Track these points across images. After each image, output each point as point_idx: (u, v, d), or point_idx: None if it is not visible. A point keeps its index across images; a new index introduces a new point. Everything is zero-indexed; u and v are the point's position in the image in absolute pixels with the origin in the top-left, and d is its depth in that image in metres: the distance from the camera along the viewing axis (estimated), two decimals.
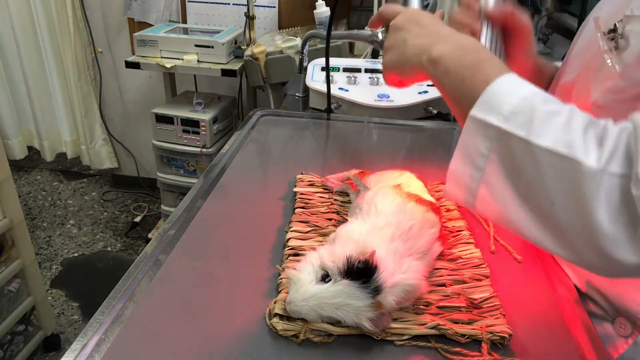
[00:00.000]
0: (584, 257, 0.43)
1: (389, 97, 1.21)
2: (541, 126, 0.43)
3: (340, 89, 1.23)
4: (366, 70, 1.33)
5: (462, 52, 0.53)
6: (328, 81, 1.09)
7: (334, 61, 1.35)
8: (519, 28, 0.66)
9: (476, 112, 0.47)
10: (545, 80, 0.73)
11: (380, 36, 0.69)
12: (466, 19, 0.65)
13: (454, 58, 0.53)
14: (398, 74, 0.62)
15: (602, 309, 0.60)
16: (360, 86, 1.26)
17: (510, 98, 0.46)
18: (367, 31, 0.98)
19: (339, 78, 1.28)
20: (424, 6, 0.72)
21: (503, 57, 0.66)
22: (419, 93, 1.23)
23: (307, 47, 1.40)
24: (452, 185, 0.51)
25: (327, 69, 1.07)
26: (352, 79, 1.26)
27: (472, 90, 0.49)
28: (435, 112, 1.20)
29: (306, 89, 1.33)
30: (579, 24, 0.74)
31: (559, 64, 0.77)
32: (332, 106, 1.17)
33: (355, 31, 0.97)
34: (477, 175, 0.48)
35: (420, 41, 0.57)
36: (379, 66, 1.35)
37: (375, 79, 1.27)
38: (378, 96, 1.21)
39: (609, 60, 0.52)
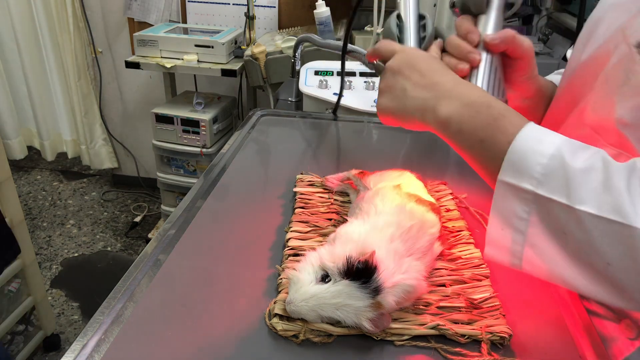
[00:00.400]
0: None
1: None
2: (581, 189, 0.42)
3: (335, 94, 1.19)
4: (361, 74, 1.30)
5: (472, 111, 0.50)
6: (342, 84, 1.08)
7: (327, 64, 1.33)
8: (520, 53, 0.62)
9: (506, 176, 0.45)
10: (546, 100, 0.71)
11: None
12: (464, 49, 0.61)
13: (465, 118, 0.50)
14: (396, 122, 0.59)
15: (608, 310, 0.60)
16: (355, 91, 1.24)
17: (538, 158, 0.44)
18: (362, 50, 0.98)
19: (333, 82, 1.25)
20: (421, 39, 0.70)
21: (503, 84, 0.63)
22: None
23: (299, 51, 1.38)
24: (493, 250, 0.49)
25: (342, 72, 1.05)
26: (348, 83, 1.24)
27: (495, 152, 0.47)
28: None
29: (299, 94, 1.31)
30: (579, 24, 0.71)
31: (551, 77, 0.76)
32: (328, 112, 1.16)
33: (351, 46, 0.97)
34: (519, 239, 0.46)
35: (421, 95, 0.54)
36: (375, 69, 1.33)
37: (371, 84, 1.25)
38: (374, 101, 1.20)
39: None
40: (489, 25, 0.62)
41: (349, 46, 0.97)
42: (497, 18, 0.63)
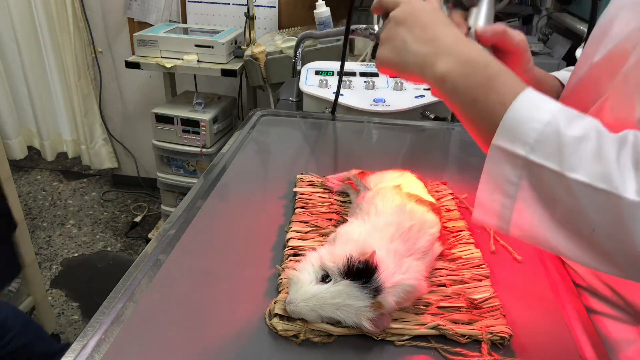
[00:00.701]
0: (629, 274, 0.44)
1: (385, 101, 1.20)
2: (572, 157, 0.43)
3: (334, 93, 1.20)
4: (361, 74, 1.31)
5: (469, 69, 0.50)
6: (340, 82, 1.07)
7: (328, 64, 1.33)
8: (512, 47, 0.62)
9: (499, 141, 0.46)
10: (545, 92, 0.71)
11: (376, 29, 0.68)
12: None
13: (461, 76, 0.51)
14: (394, 73, 0.59)
15: (626, 313, 0.60)
16: (355, 90, 1.24)
17: (533, 124, 0.44)
18: (362, 25, 0.98)
19: (333, 82, 1.25)
20: None
21: None
22: (416, 97, 1.21)
23: (300, 50, 1.38)
24: (481, 213, 0.50)
25: (341, 70, 1.05)
26: (347, 83, 1.25)
27: (488, 113, 0.48)
28: (432, 116, 1.20)
29: (300, 94, 1.31)
30: (590, 25, 0.70)
31: (557, 73, 0.76)
32: (327, 111, 1.16)
33: (352, 26, 0.96)
34: (508, 203, 0.47)
35: (421, 49, 0.54)
36: (374, 69, 1.33)
37: (371, 83, 1.25)
38: (374, 100, 1.20)
39: None
40: (480, 17, 0.63)
41: (342, 29, 0.97)
42: (488, 10, 0.63)
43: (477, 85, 0.49)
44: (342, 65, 1.05)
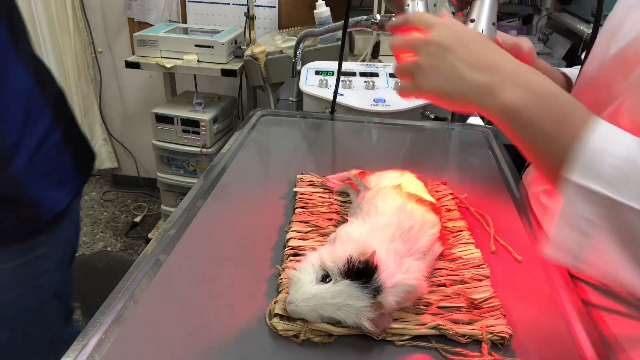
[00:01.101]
0: None
1: (385, 101, 1.20)
2: None
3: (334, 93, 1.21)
4: (361, 74, 1.31)
5: (540, 100, 0.48)
6: (338, 81, 1.08)
7: (328, 64, 1.33)
8: (522, 56, 0.61)
9: (574, 176, 0.44)
10: None
11: (377, 17, 0.67)
12: None
13: (530, 106, 0.48)
14: (443, 103, 0.55)
15: (635, 309, 0.59)
16: (355, 90, 1.24)
17: (609, 159, 0.43)
18: (362, 17, 0.97)
19: (333, 82, 1.22)
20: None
21: None
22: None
23: (300, 50, 1.37)
24: (554, 250, 0.48)
25: (339, 69, 1.05)
26: (347, 83, 1.24)
27: (559, 145, 0.46)
28: (432, 116, 1.20)
29: (300, 94, 1.31)
30: (596, 25, 0.70)
31: (564, 69, 0.76)
32: (327, 111, 1.16)
33: (353, 19, 0.95)
34: (583, 241, 0.45)
35: (481, 78, 0.51)
36: (374, 69, 1.33)
37: (371, 83, 1.25)
38: (374, 100, 1.20)
39: None
40: (484, 9, 0.62)
41: (351, 20, 0.96)
42: (491, 2, 0.63)
43: (549, 117, 0.47)
44: (340, 64, 1.05)
